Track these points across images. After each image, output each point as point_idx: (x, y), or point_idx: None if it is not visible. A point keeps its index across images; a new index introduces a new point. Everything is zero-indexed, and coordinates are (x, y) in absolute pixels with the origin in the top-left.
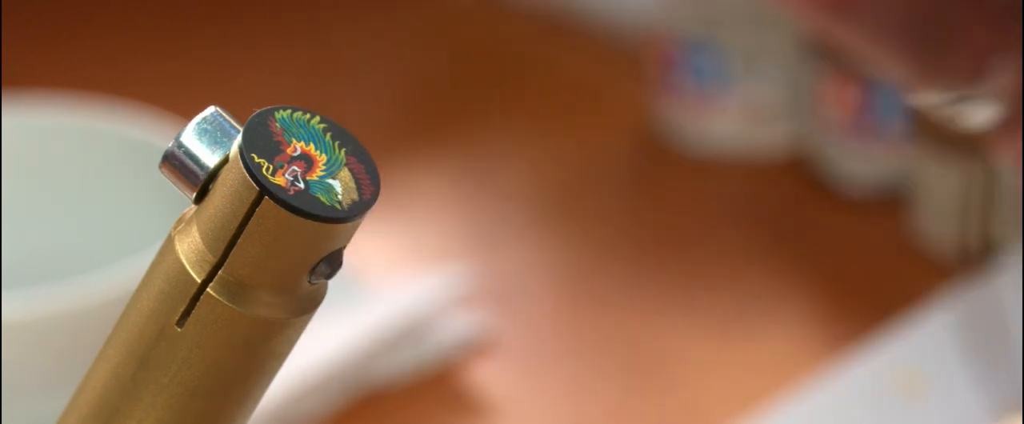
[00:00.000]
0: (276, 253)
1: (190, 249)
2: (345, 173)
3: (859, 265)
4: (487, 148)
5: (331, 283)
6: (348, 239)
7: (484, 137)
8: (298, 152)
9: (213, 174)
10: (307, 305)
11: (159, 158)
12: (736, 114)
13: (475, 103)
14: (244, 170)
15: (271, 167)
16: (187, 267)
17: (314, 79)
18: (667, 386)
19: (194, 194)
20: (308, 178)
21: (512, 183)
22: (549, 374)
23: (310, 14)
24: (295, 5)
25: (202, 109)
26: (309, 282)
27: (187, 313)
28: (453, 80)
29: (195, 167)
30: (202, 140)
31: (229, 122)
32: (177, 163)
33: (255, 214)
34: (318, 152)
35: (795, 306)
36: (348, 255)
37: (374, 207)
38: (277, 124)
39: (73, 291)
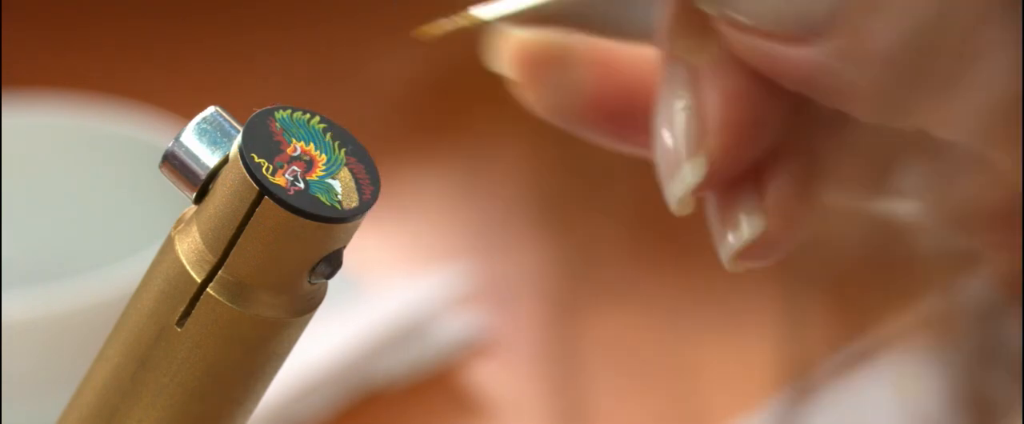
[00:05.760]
0: (276, 253)
1: (190, 249)
2: (345, 173)
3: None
4: (487, 148)
5: (331, 283)
6: (348, 239)
7: (484, 137)
8: (298, 152)
9: (213, 174)
10: (307, 305)
11: (159, 158)
12: None
13: (475, 103)
14: (244, 170)
15: (271, 167)
16: (187, 267)
17: (314, 79)
18: (667, 386)
19: (194, 194)
20: (308, 178)
21: (512, 182)
22: (549, 374)
23: (310, 13)
24: (295, 5)
25: (202, 109)
26: (309, 282)
27: (187, 313)
28: (453, 79)
29: (195, 167)
30: (202, 140)
31: (229, 122)
32: (177, 163)
33: (255, 214)
34: (318, 152)
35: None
36: (348, 255)
37: (374, 207)
38: (277, 124)
39: (73, 291)
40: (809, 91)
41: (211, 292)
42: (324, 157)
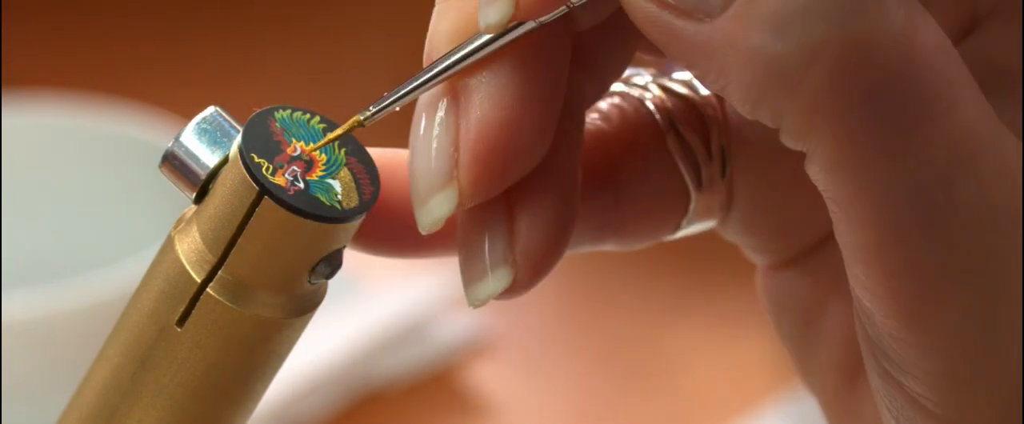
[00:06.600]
0: (276, 253)
1: (190, 249)
2: (345, 173)
3: None
4: None
5: (331, 283)
6: (348, 239)
7: None
8: (298, 152)
9: (213, 174)
10: (307, 305)
11: (159, 158)
12: None
13: None
14: (244, 170)
15: (271, 167)
16: (187, 267)
17: (314, 79)
18: (667, 386)
19: (194, 194)
20: (308, 178)
21: None
22: (549, 374)
23: (310, 14)
24: (296, 5)
25: (202, 109)
26: (309, 282)
27: (187, 313)
28: None
29: (195, 167)
30: (202, 140)
31: (229, 122)
32: (177, 163)
33: (255, 214)
34: (318, 152)
35: None
36: (348, 255)
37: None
38: (277, 124)
39: (73, 291)
40: (691, 69)
41: (211, 292)
42: (324, 157)
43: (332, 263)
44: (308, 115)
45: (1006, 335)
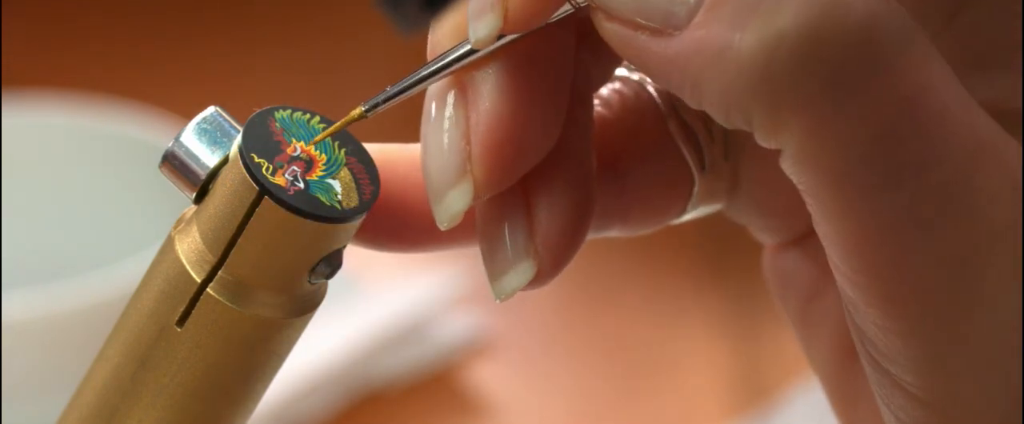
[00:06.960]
0: (276, 253)
1: (190, 249)
2: (345, 173)
3: None
4: None
5: (331, 283)
6: (348, 239)
7: None
8: (298, 152)
9: (213, 174)
10: (307, 305)
11: (159, 158)
12: None
13: None
14: (244, 170)
15: (271, 167)
16: (187, 267)
17: (314, 79)
18: (667, 386)
19: (194, 194)
20: (308, 178)
21: None
22: (549, 374)
23: (310, 14)
24: (295, 5)
25: (202, 109)
26: (309, 282)
27: (187, 313)
28: None
29: (195, 167)
30: (202, 140)
31: (229, 122)
32: (177, 163)
33: (255, 214)
34: (318, 152)
35: None
36: (348, 255)
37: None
38: (277, 124)
39: (73, 291)
40: (670, 86)
41: (211, 292)
42: (324, 157)
43: (332, 263)
44: (308, 115)
45: (989, 320)
